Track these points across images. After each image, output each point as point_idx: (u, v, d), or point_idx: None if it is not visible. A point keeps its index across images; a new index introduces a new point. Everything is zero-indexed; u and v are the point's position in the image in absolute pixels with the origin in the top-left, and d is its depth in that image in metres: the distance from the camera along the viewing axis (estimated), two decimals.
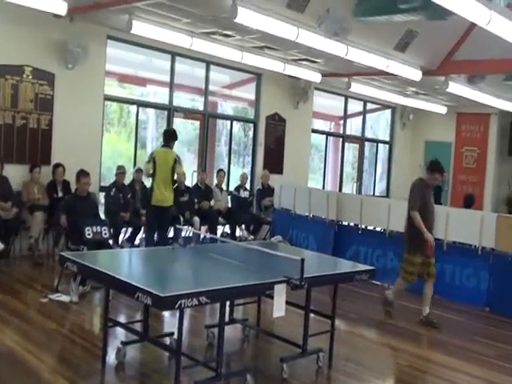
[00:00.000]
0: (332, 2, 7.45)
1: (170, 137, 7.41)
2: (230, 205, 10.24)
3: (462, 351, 5.43)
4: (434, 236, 7.51)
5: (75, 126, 8.38)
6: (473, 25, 8.12)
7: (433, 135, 15.36)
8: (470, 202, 9.34)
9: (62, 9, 7.22)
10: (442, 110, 14.59)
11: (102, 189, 8.77)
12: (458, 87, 10.72)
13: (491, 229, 6.91)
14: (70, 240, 6.47)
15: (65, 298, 5.98)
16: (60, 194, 7.94)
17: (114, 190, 8.43)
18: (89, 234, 6.22)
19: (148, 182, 8.59)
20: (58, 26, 7.97)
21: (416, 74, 9.93)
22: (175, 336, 4.18)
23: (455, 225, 7.26)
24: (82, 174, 6.75)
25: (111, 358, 4.44)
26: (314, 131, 12.90)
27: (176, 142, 7.48)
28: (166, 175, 7.21)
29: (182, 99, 10.53)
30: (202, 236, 9.03)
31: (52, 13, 7.42)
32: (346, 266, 5.42)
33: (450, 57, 9.72)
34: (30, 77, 7.93)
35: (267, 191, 10.63)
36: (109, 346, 4.51)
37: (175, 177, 7.42)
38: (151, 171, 7.22)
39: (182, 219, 8.78)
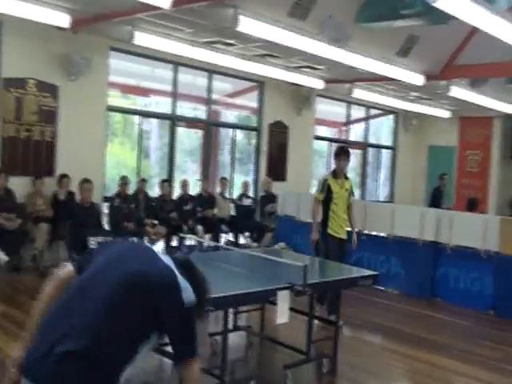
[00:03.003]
0: (334, 9, 7.50)
1: None
2: (233, 212, 10.27)
3: (467, 355, 5.41)
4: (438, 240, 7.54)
5: (79, 137, 8.42)
6: (474, 29, 8.13)
7: (436, 140, 15.34)
8: (473, 205, 9.34)
9: (64, 21, 7.29)
10: (445, 114, 14.58)
11: (105, 199, 8.79)
12: (460, 91, 10.72)
13: (495, 232, 6.91)
14: (73, 250, 6.51)
15: None
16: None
17: (117, 200, 8.46)
18: (93, 244, 6.26)
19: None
20: (61, 38, 8.03)
21: (418, 79, 9.94)
22: None
23: (459, 228, 7.26)
24: (83, 181, 6.83)
25: None
26: (317, 138, 12.91)
27: (179, 152, 7.47)
28: None
29: (185, 109, 10.58)
30: (205, 244, 9.04)
31: (55, 26, 7.50)
32: (349, 271, 5.41)
33: (452, 61, 9.73)
34: (34, 89, 7.99)
35: (270, 198, 10.65)
36: None
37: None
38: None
39: (185, 228, 8.81)
